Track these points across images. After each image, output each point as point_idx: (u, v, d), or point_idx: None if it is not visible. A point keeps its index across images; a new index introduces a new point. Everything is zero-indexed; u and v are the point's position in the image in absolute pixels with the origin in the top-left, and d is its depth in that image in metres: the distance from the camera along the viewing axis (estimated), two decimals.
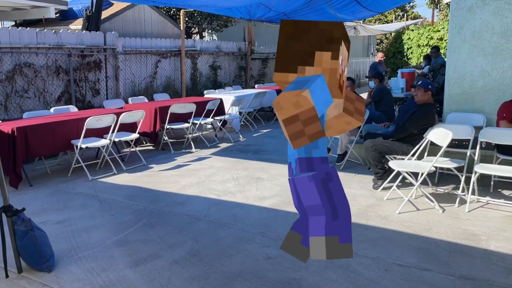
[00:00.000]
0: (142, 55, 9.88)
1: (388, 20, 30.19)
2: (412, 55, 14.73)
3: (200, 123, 7.63)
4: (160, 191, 5.05)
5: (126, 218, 4.20)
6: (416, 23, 18.79)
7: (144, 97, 8.48)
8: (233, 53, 13.09)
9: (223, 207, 4.49)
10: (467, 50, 5.45)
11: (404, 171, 4.43)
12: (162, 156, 6.82)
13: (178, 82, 10.96)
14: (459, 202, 4.44)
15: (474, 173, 4.37)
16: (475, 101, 5.46)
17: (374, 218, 4.12)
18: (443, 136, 4.35)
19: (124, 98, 9.06)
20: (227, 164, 6.28)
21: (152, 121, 7.01)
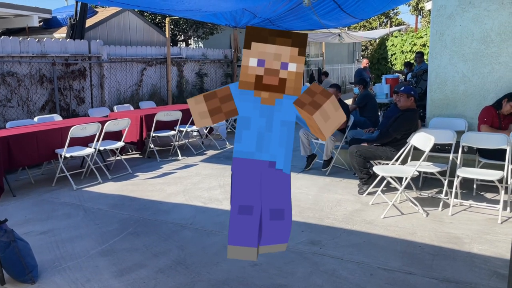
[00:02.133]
0: (127, 63, 9.84)
1: (372, 27, 30.57)
2: (396, 61, 14.92)
3: (187, 130, 7.62)
4: (146, 199, 5.02)
5: (111, 228, 4.16)
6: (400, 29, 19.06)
7: (129, 105, 8.44)
8: (219, 60, 13.12)
9: (209, 215, 4.48)
10: (448, 56, 5.55)
11: (389, 176, 4.48)
12: (148, 164, 6.78)
13: (164, 89, 10.94)
14: (442, 206, 4.50)
15: (456, 177, 4.44)
16: (457, 106, 5.55)
17: (359, 223, 4.15)
18: (426, 140, 4.42)
19: (109, 106, 9.00)
20: (214, 171, 6.27)
21: (138, 129, 6.98)
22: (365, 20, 14.15)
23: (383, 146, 5.00)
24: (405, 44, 14.64)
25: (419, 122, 5.13)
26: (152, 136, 7.10)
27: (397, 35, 15.38)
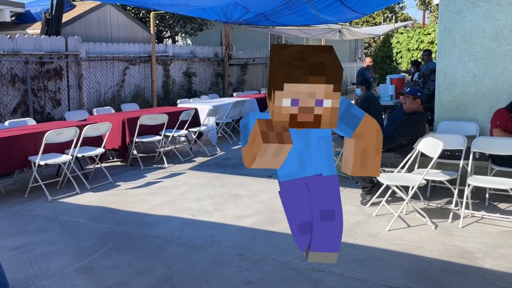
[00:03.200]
0: (108, 62, 9.84)
1: (376, 23, 30.80)
2: (401, 60, 15.05)
3: (173, 135, 7.63)
4: (128, 211, 5.02)
5: (90, 243, 4.15)
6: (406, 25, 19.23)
7: (110, 108, 8.43)
8: (209, 58, 13.16)
9: (198, 228, 4.48)
10: (458, 54, 5.62)
11: (394, 184, 4.52)
12: (131, 172, 6.78)
13: (148, 91, 10.94)
14: (452, 217, 4.54)
15: (467, 186, 4.48)
16: (467, 108, 5.62)
17: (362, 236, 4.17)
18: (434, 146, 4.46)
19: (88, 109, 8.99)
20: (203, 180, 6.28)
21: (120, 134, 6.97)
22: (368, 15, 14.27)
23: (388, 152, 5.03)
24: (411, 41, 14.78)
25: (427, 126, 5.18)
26: (135, 142, 7.09)
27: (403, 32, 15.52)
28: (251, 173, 6.55)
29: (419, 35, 14.69)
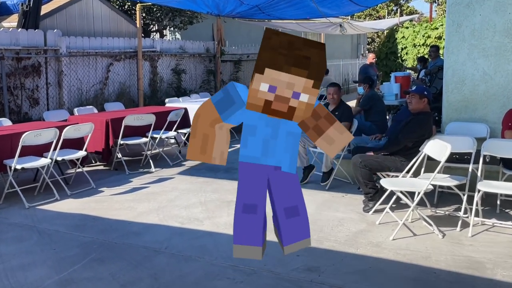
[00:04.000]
0: (90, 58, 9.83)
1: (380, 16, 30.94)
2: (407, 56, 15.12)
3: (161, 137, 7.62)
4: (112, 219, 5.01)
5: (70, 253, 4.14)
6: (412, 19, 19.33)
7: (93, 107, 8.41)
8: (200, 54, 13.16)
9: (187, 237, 4.48)
10: (467, 50, 5.66)
11: (398, 190, 4.54)
12: (115, 177, 6.76)
13: (134, 89, 10.93)
14: (461, 226, 4.57)
15: (477, 192, 4.51)
16: (477, 108, 5.65)
17: (365, 246, 4.19)
18: (441, 149, 4.49)
19: (68, 108, 8.97)
20: (193, 185, 6.28)
21: (103, 136, 6.96)
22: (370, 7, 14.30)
23: (392, 155, 5.06)
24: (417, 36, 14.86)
25: (434, 127, 5.21)
26: (120, 144, 7.08)
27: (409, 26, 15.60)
28: None
29: (426, 30, 14.77)
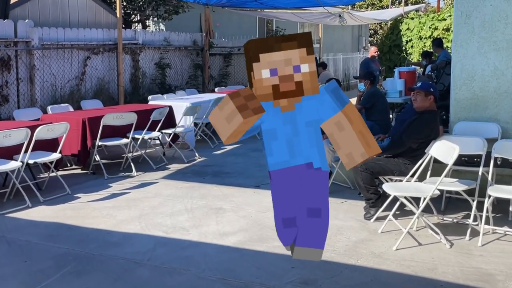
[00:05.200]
0: (65, 51, 9.79)
1: (383, 6, 31.07)
2: (412, 50, 15.17)
3: (143, 138, 7.61)
4: (89, 228, 4.99)
5: (43, 265, 4.13)
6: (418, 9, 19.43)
7: (68, 105, 8.39)
8: (186, 47, 13.16)
9: (172, 248, 4.47)
10: (477, 44, 5.69)
11: (402, 196, 4.56)
12: (93, 182, 6.75)
13: (113, 85, 10.91)
14: (470, 234, 4.60)
15: (487, 197, 4.54)
16: (488, 107, 5.69)
17: (366, 257, 4.21)
18: (449, 151, 4.51)
19: (41, 106, 8.94)
20: (179, 191, 6.27)
21: (79, 137, 6.94)
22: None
23: (396, 158, 5.08)
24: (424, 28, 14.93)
25: (441, 127, 5.24)
26: (98, 146, 7.06)
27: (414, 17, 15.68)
28: (235, 183, 6.57)
29: (433, 21, 14.83)
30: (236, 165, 7.71)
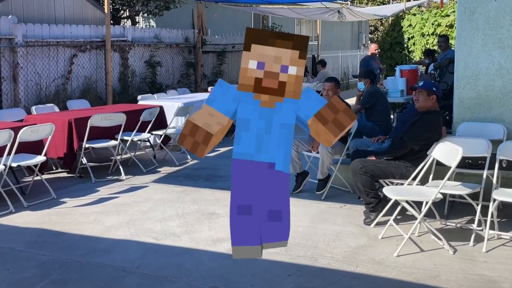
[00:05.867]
0: (51, 48, 9.78)
1: (384, 1, 31.15)
2: (414, 47, 15.20)
3: (133, 140, 7.60)
4: (76, 234, 4.99)
5: (27, 274, 4.12)
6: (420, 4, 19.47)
7: (54, 106, 8.37)
8: (178, 44, 13.16)
9: (163, 255, 4.48)
10: (481, 41, 5.72)
11: (404, 200, 4.58)
12: (80, 186, 6.74)
13: (101, 84, 10.89)
14: (474, 240, 4.62)
15: (492, 201, 4.56)
16: (493, 107, 5.71)
17: (366, 264, 4.22)
18: (452, 153, 4.53)
19: (25, 106, 8.92)
20: (170, 195, 6.27)
21: (65, 138, 6.92)
22: None
23: (397, 160, 5.10)
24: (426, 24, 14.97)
25: (444, 128, 5.26)
26: (85, 148, 7.05)
27: (417, 13, 15.72)
28: (229, 187, 6.52)
29: (436, 17, 14.87)
30: (230, 168, 7.69)
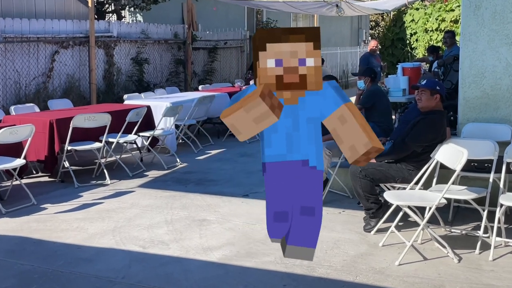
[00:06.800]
0: (31, 44, 9.75)
1: None
2: (417, 44, 15.28)
3: (118, 142, 7.59)
4: (57, 243, 4.97)
5: (5, 284, 4.10)
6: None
7: (34, 105, 8.35)
8: (167, 40, 13.16)
9: (150, 264, 4.47)
10: (487, 37, 5.74)
11: (406, 205, 4.58)
12: (62, 191, 6.72)
13: (85, 82, 10.87)
14: (480, 248, 4.63)
15: (499, 207, 4.57)
16: (499, 107, 5.74)
17: (366, 273, 4.22)
18: (457, 155, 4.54)
19: (3, 106, 8.90)
20: (158, 201, 6.27)
21: (46, 140, 6.91)
22: None
23: (398, 163, 5.11)
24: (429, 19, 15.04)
25: (448, 129, 5.28)
26: (67, 151, 7.03)
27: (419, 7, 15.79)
28: (221, 192, 6.57)
29: (440, 12, 14.96)
30: (222, 171, 7.71)
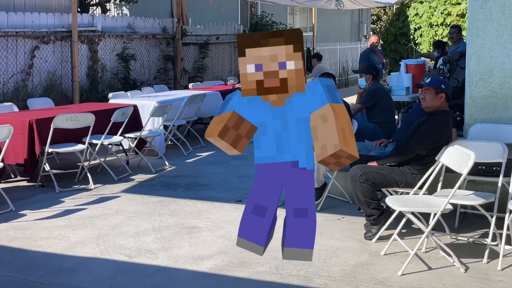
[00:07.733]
0: (9, 39, 9.73)
1: None
2: (421, 39, 15.30)
3: (103, 143, 7.57)
4: (37, 252, 4.96)
5: None
6: None
7: (12, 105, 8.33)
8: (155, 35, 13.14)
9: (137, 274, 4.46)
10: (495, 32, 5.75)
11: (409, 211, 4.59)
12: (42, 196, 6.70)
13: (67, 80, 10.85)
14: (488, 256, 4.63)
15: (508, 213, 4.58)
16: (509, 106, 5.75)
17: (366, 283, 4.23)
18: (463, 158, 4.55)
19: None
20: (145, 207, 6.26)
21: (26, 142, 6.89)
22: None
23: (401, 166, 5.11)
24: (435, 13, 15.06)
25: (454, 130, 5.28)
26: (48, 153, 7.01)
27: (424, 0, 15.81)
28: (212, 197, 6.56)
29: (446, 6, 14.98)
30: (214, 175, 7.70)
